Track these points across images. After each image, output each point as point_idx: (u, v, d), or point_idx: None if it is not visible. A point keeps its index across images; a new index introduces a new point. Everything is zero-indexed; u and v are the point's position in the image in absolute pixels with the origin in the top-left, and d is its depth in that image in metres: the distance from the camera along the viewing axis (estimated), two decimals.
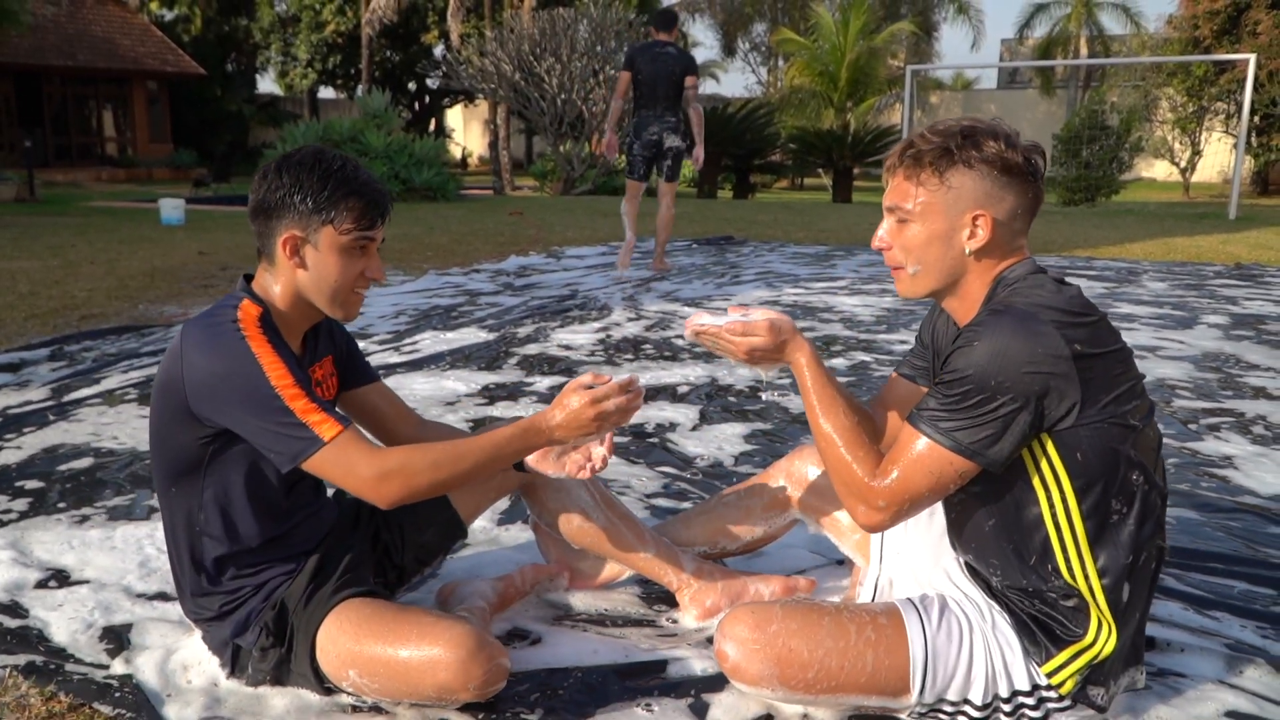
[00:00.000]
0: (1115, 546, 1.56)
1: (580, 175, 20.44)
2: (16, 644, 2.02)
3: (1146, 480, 1.57)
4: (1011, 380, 1.46)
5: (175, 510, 1.83)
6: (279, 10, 30.96)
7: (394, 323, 5.64)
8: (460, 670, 1.65)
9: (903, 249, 1.64)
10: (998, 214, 1.57)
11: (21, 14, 13.41)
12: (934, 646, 1.65)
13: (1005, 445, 1.50)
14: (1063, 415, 1.49)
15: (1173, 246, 9.91)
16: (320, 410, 1.66)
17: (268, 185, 1.75)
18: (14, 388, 4.12)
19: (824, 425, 1.66)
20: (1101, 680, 1.64)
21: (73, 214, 13.31)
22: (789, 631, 1.65)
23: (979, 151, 1.55)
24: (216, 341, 1.68)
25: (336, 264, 1.76)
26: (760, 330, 1.69)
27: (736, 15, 36.90)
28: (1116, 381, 1.52)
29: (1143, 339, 5.23)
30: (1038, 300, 1.52)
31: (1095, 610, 1.60)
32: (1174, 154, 23.47)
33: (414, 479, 1.68)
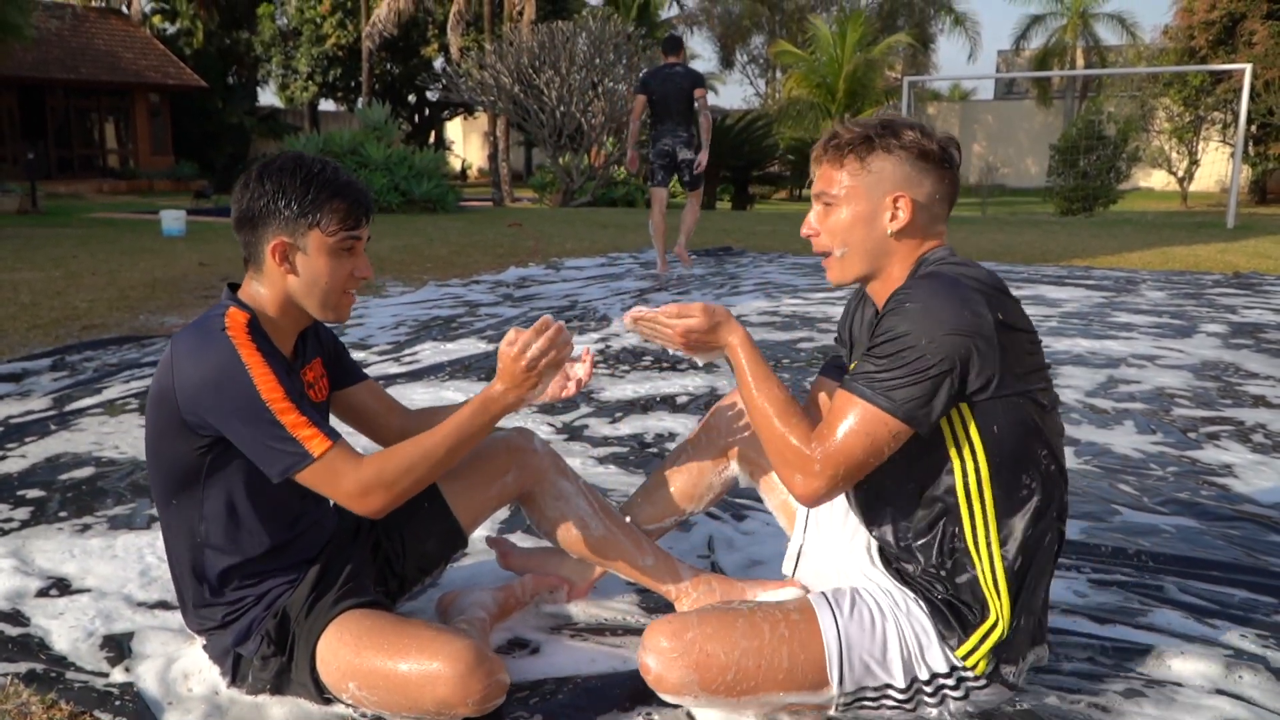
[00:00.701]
0: (1019, 520, 1.63)
1: (579, 187, 20.48)
2: (18, 652, 2.03)
3: (1053, 460, 1.64)
4: (939, 341, 1.51)
5: (176, 522, 1.83)
6: (280, 24, 31.06)
7: (394, 333, 5.65)
8: (459, 686, 1.65)
9: (829, 233, 1.72)
10: (917, 196, 1.66)
11: (25, 27, 13.46)
12: (848, 636, 1.68)
13: (935, 408, 1.54)
14: (983, 385, 1.55)
15: (1171, 256, 9.93)
16: (310, 424, 1.68)
17: (250, 194, 1.75)
18: (16, 397, 4.13)
19: (758, 400, 1.69)
20: (1011, 659, 1.69)
21: (75, 225, 13.33)
22: (705, 636, 1.67)
23: (897, 139, 1.65)
24: (206, 349, 1.68)
25: (326, 266, 1.77)
26: (694, 312, 1.74)
27: (734, 28, 37.05)
28: (1030, 360, 1.59)
29: (1142, 348, 5.24)
30: (963, 272, 1.60)
31: (989, 586, 1.65)
32: (1171, 163, 23.52)
33: (394, 486, 1.71)
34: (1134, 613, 2.25)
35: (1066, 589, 2.37)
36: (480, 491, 2.10)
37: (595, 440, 3.59)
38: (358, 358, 4.97)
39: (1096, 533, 2.73)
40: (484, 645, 1.74)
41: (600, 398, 4.16)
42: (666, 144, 8.09)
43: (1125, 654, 2.04)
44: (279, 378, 1.68)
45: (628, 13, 28.91)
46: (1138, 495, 3.03)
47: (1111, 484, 3.13)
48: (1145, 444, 3.55)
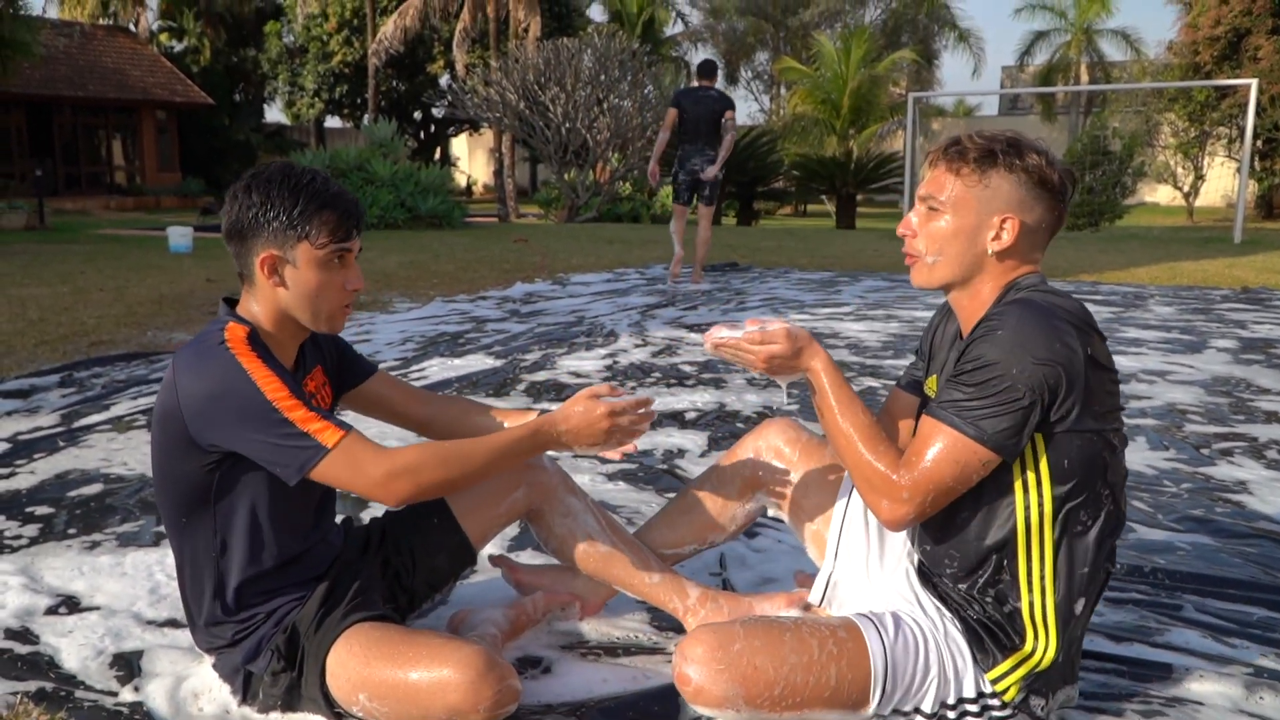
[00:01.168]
0: (1074, 556, 1.62)
1: (584, 203, 20.52)
2: (27, 670, 2.02)
3: (1114, 501, 1.63)
4: (1030, 371, 1.50)
5: (187, 541, 1.82)
6: (287, 41, 31.23)
7: (401, 349, 5.65)
8: (470, 691, 1.63)
9: (927, 237, 1.69)
10: (1026, 219, 1.64)
11: (34, 45, 13.52)
12: (893, 658, 1.66)
13: (1023, 438, 1.54)
14: (1063, 416, 1.53)
15: (1178, 271, 9.91)
16: (320, 418, 1.66)
17: (239, 206, 1.74)
18: (24, 414, 4.12)
19: (843, 425, 1.68)
20: (1043, 692, 1.67)
21: (82, 242, 13.37)
22: (753, 649, 1.64)
23: (1021, 160, 1.63)
24: (207, 363, 1.67)
25: (316, 279, 1.75)
26: (778, 338, 1.72)
27: (739, 45, 37.17)
28: (1108, 398, 1.58)
29: (1152, 363, 5.22)
30: (1056, 303, 1.58)
31: (1037, 618, 1.64)
32: (1177, 179, 23.52)
33: (422, 476, 1.68)
34: (1151, 632, 2.23)
35: None
36: (489, 508, 2.09)
37: (604, 457, 3.57)
38: None
39: None
40: (494, 652, 1.72)
41: None
42: (694, 164, 8.48)
43: (1143, 673, 2.02)
44: (282, 379, 1.67)
45: (633, 30, 29.06)
46: (1152, 512, 3.01)
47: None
48: (1158, 460, 3.52)
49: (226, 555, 1.80)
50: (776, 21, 36.27)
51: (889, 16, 34.71)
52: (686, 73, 34.20)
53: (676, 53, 34.87)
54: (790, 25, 35.53)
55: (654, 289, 8.47)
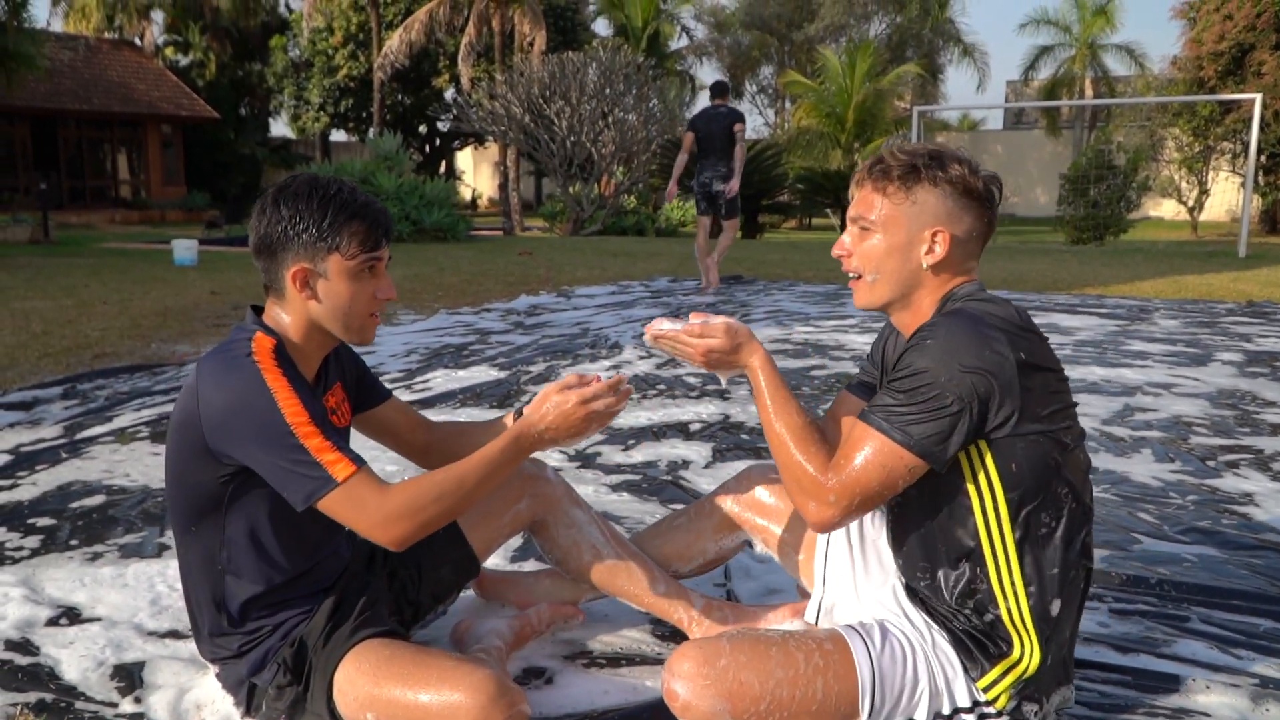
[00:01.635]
0: (1041, 559, 1.61)
1: (589, 216, 20.56)
2: (27, 681, 2.01)
3: (1075, 498, 1.62)
4: (959, 379, 1.51)
5: (195, 550, 1.81)
6: (292, 55, 31.38)
7: (405, 361, 5.65)
8: (481, 716, 1.61)
9: (862, 257, 1.70)
10: (956, 231, 1.66)
11: (39, 58, 13.60)
12: (880, 669, 1.66)
13: (951, 444, 1.54)
14: (1001, 422, 1.54)
15: (1183, 284, 9.89)
16: (335, 449, 1.64)
17: (268, 220, 1.73)
18: (27, 425, 4.13)
19: (776, 425, 1.69)
20: (1035, 697, 1.66)
21: (86, 255, 13.41)
22: (739, 664, 1.63)
23: (944, 172, 1.65)
24: (231, 375, 1.66)
25: (348, 290, 1.74)
26: (717, 332, 1.74)
27: (744, 59, 37.29)
28: (1053, 399, 1.58)
29: (1157, 376, 5.20)
30: (990, 310, 1.60)
31: (1017, 624, 1.63)
32: (1181, 193, 23.50)
33: (421, 515, 1.66)
34: (1157, 643, 2.22)
35: (1088, 619, 2.33)
36: (493, 519, 2.09)
37: (608, 468, 3.57)
38: None
39: (1117, 561, 2.69)
40: (505, 676, 1.70)
41: (613, 425, 4.14)
42: (705, 178, 8.97)
43: (1150, 685, 2.01)
44: (304, 401, 1.65)
45: (637, 43, 29.16)
46: (1158, 524, 2.99)
47: (1131, 513, 3.10)
48: (1164, 472, 3.51)
49: (233, 567, 1.79)
50: (781, 36, 36.39)
51: (893, 31, 34.79)
52: (691, 86, 34.34)
53: (681, 67, 34.98)
54: (795, 39, 35.64)
55: (659, 301, 8.47)
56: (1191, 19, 22.39)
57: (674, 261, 12.53)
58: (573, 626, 2.24)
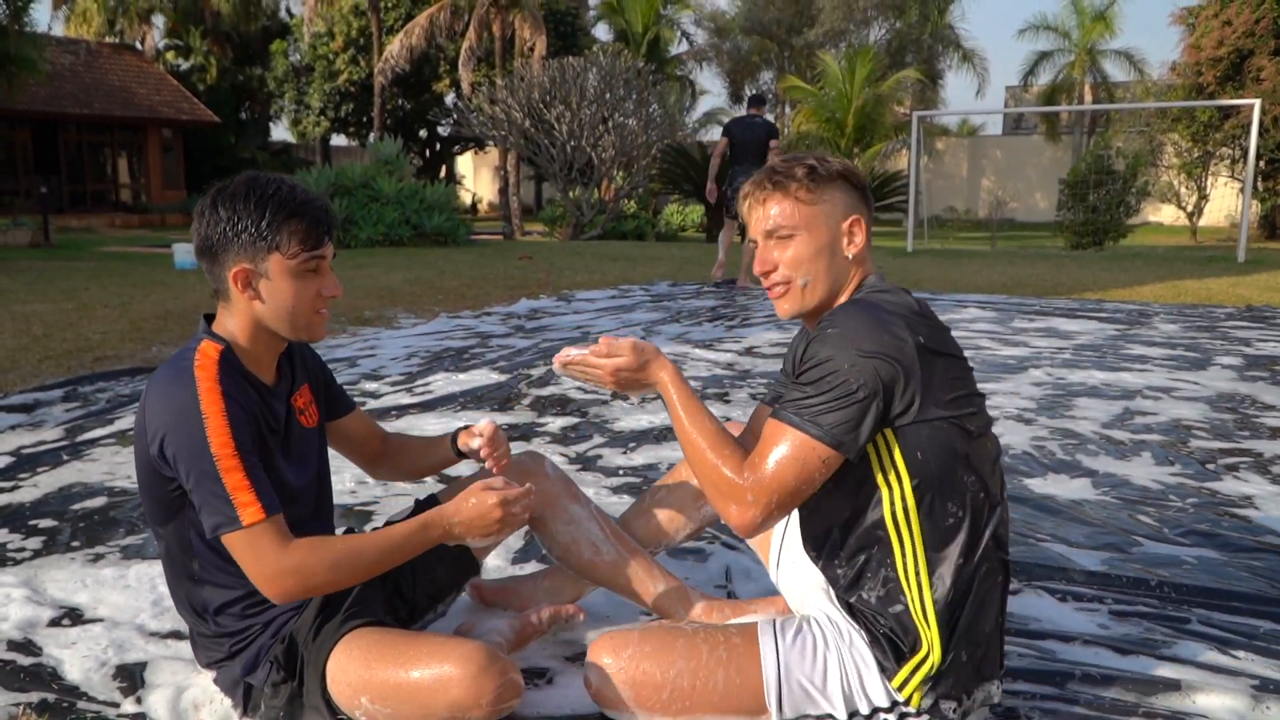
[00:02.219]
0: (947, 549, 1.62)
1: (589, 220, 20.57)
2: (30, 682, 2.01)
3: (982, 487, 1.63)
4: (860, 364, 1.53)
5: (170, 560, 1.83)
6: (293, 60, 31.40)
7: (406, 364, 5.65)
8: (472, 685, 1.62)
9: (791, 265, 1.72)
10: (865, 217, 1.73)
11: (40, 62, 13.61)
12: (786, 663, 1.68)
13: (863, 432, 1.56)
14: (905, 407, 1.56)
15: (1182, 289, 9.90)
16: (250, 490, 1.64)
17: (207, 222, 1.73)
18: (28, 428, 4.13)
19: (691, 434, 1.71)
20: (952, 694, 1.65)
21: (87, 259, 13.42)
22: (643, 654, 1.69)
23: (833, 165, 1.73)
24: (172, 387, 1.67)
25: (291, 289, 1.74)
26: (624, 350, 1.77)
27: (743, 64, 37.30)
28: (955, 385, 1.60)
29: (1157, 380, 5.21)
30: (886, 299, 1.65)
31: (919, 616, 1.64)
32: (1180, 198, 23.53)
33: (311, 579, 1.67)
34: (1157, 644, 2.22)
35: (1089, 620, 2.34)
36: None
37: (609, 470, 3.57)
38: (370, 388, 4.97)
39: (1117, 564, 2.70)
40: (495, 648, 1.72)
41: (614, 428, 4.15)
42: (739, 183, 9.08)
43: (1149, 686, 2.01)
44: (234, 430, 1.65)
45: (638, 49, 29.17)
46: (1158, 526, 3.00)
47: (1131, 515, 3.10)
48: (1164, 475, 3.51)
49: (205, 574, 1.80)
50: (781, 41, 36.42)
51: (893, 36, 34.80)
52: (691, 92, 34.34)
53: (681, 72, 34.99)
54: (795, 45, 35.66)
55: (659, 305, 8.47)
56: (1190, 25, 22.45)
57: (674, 266, 12.54)
58: (574, 626, 2.25)
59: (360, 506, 3.18)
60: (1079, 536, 2.91)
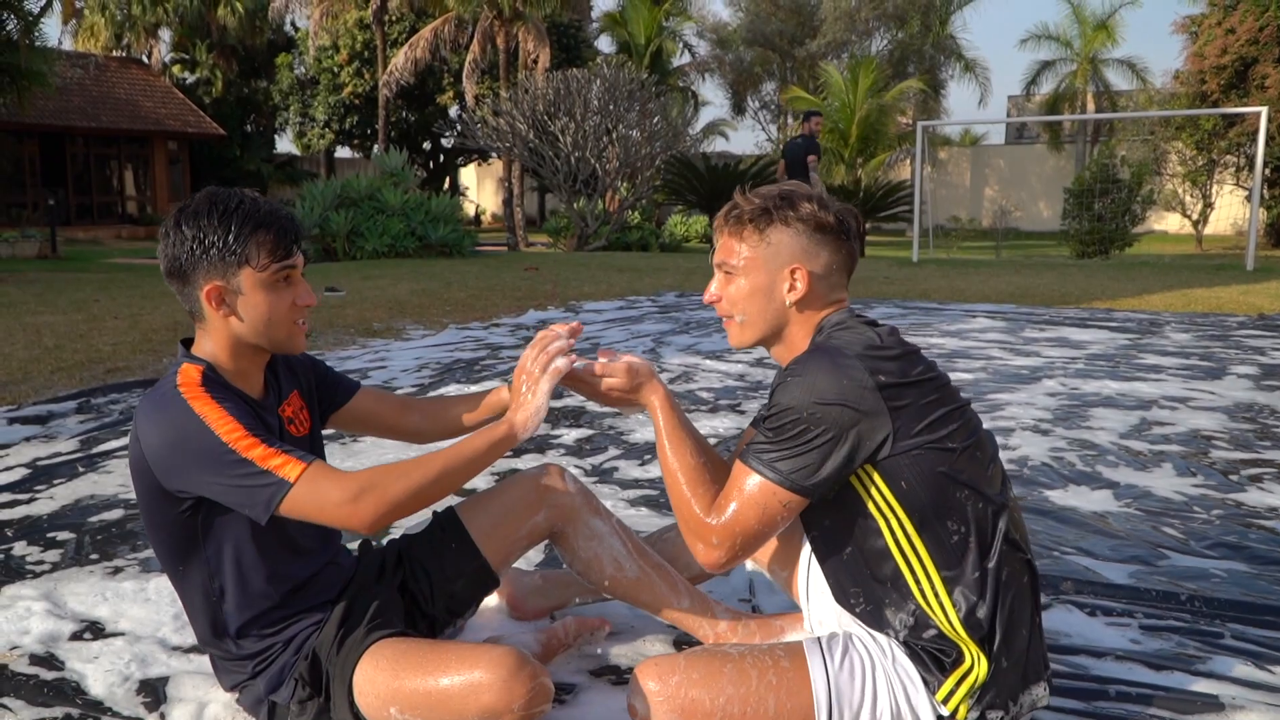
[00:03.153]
0: (960, 565, 1.60)
1: (594, 231, 20.58)
2: (53, 696, 1.99)
3: (979, 498, 1.61)
4: (822, 412, 1.55)
5: (188, 587, 1.80)
6: (298, 73, 31.47)
7: (417, 375, 5.64)
8: (504, 690, 1.60)
9: (730, 301, 1.75)
10: (814, 268, 1.70)
11: (49, 75, 13.63)
12: (837, 686, 1.65)
13: (824, 474, 1.57)
14: (879, 445, 1.56)
15: (1192, 298, 9.87)
16: (280, 453, 1.62)
17: (172, 243, 1.70)
18: (42, 439, 4.12)
19: (671, 463, 1.73)
20: (998, 703, 1.62)
21: (95, 270, 13.43)
22: (690, 681, 1.65)
23: (795, 211, 1.69)
24: (161, 412, 1.65)
25: (265, 302, 1.72)
26: (617, 371, 1.80)
27: (746, 75, 37.38)
28: (930, 408, 1.60)
29: (1172, 390, 5.18)
30: (849, 340, 1.64)
31: (956, 635, 1.61)
32: (1185, 207, 23.50)
33: (387, 491, 1.62)
34: (1192, 660, 2.19)
35: (1119, 635, 2.31)
36: (509, 530, 2.06)
37: (625, 482, 3.55)
38: None
39: (1144, 577, 2.67)
40: (524, 651, 1.69)
41: (629, 440, 4.13)
42: None
43: (1186, 704, 1.98)
44: (237, 417, 1.63)
45: (640, 60, 29.24)
46: (1184, 539, 2.97)
47: (1155, 527, 3.07)
48: (1186, 486, 3.49)
49: (228, 595, 1.78)
50: (783, 52, 36.48)
51: (895, 47, 34.85)
52: (695, 103, 34.38)
53: (684, 83, 35.06)
54: (797, 55, 35.73)
55: (667, 316, 8.46)
56: (1193, 33, 22.44)
57: (679, 276, 12.53)
58: (599, 639, 2.23)
59: None
60: (1104, 549, 2.88)
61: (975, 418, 1.68)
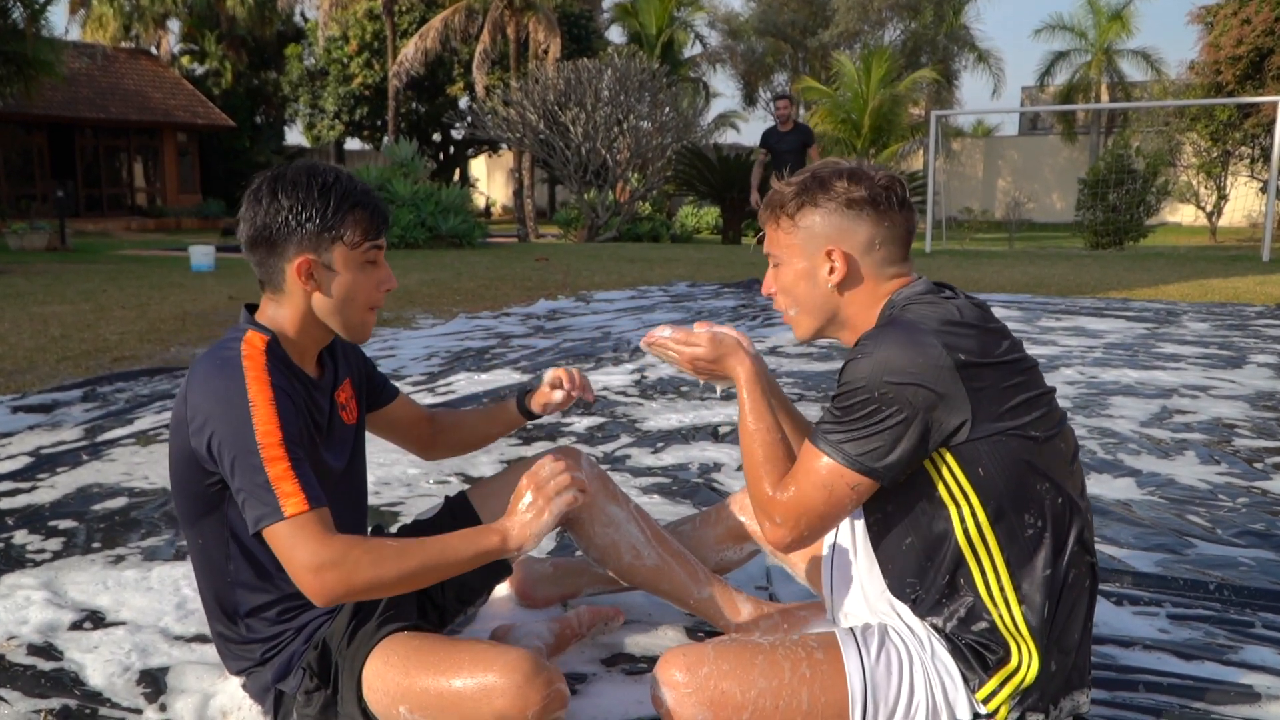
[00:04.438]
0: (1032, 562, 1.53)
1: (604, 222, 20.51)
2: (50, 687, 1.94)
3: (1058, 491, 1.53)
4: (895, 391, 1.46)
5: (203, 560, 1.74)
6: (308, 64, 31.43)
7: (427, 364, 5.58)
8: (518, 696, 1.54)
9: (781, 293, 1.71)
10: (851, 247, 1.62)
11: (57, 64, 13.60)
12: (873, 680, 1.58)
13: (896, 457, 1.49)
14: (955, 429, 1.47)
15: (1209, 288, 9.76)
16: (295, 480, 1.54)
17: (265, 211, 1.65)
18: (47, 428, 4.07)
19: (749, 436, 1.68)
20: (1039, 706, 1.56)
21: (104, 261, 13.42)
22: (720, 673, 1.58)
23: (825, 192, 1.62)
24: (217, 377, 1.59)
25: (353, 280, 1.69)
26: (702, 341, 1.76)
27: (758, 66, 37.24)
28: (1012, 392, 1.50)
29: (1192, 378, 5.10)
30: (924, 314, 1.54)
31: (1011, 631, 1.54)
32: (1199, 198, 23.32)
33: (353, 574, 1.53)
34: (1223, 649, 2.12)
35: (1147, 625, 2.25)
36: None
37: (638, 470, 3.49)
38: None
39: (1170, 565, 2.60)
40: (540, 655, 1.63)
41: (642, 427, 4.07)
42: None
43: (1220, 694, 1.92)
44: (281, 420, 1.57)
45: (652, 51, 29.14)
46: (1210, 527, 2.89)
47: (1180, 515, 3.00)
48: (1210, 475, 3.41)
49: (242, 578, 1.73)
50: (795, 42, 36.33)
51: (908, 37, 34.63)
52: (705, 93, 34.25)
53: (695, 74, 34.95)
54: (809, 46, 35.57)
55: (679, 306, 8.39)
56: (1209, 23, 22.23)
57: (691, 266, 12.45)
58: (614, 628, 2.17)
59: (386, 506, 3.10)
60: (1129, 537, 2.81)
61: (1059, 409, 1.58)
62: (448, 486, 3.28)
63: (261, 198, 1.66)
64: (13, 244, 15.65)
